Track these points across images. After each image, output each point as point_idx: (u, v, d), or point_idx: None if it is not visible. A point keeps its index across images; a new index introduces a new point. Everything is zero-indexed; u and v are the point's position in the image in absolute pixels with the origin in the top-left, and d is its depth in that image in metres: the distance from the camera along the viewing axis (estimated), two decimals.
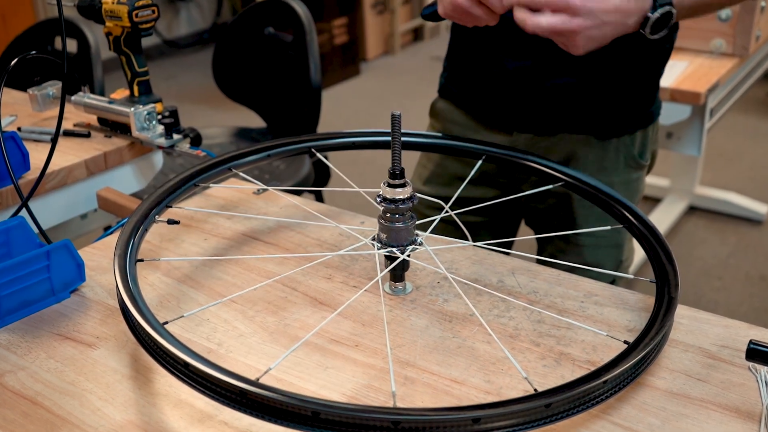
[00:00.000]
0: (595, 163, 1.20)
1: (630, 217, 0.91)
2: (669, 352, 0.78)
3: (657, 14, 0.93)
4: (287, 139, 1.06)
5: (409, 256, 0.87)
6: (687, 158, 2.86)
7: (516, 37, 1.15)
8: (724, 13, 2.09)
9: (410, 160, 1.13)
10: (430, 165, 1.31)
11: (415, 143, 1.10)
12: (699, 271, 2.56)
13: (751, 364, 0.75)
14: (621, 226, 0.92)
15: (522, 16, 0.91)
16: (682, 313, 0.84)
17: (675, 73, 2.04)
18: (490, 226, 1.31)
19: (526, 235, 1.10)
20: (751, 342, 0.71)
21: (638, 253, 2.35)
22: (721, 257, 2.64)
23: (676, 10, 0.94)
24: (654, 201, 2.96)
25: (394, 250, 0.86)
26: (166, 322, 0.74)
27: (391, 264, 0.87)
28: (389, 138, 1.06)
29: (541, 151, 1.20)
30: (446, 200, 1.24)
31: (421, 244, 0.88)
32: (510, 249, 0.98)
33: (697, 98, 1.99)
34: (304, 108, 2.13)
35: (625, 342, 0.75)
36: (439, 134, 1.10)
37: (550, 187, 1.01)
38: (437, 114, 1.31)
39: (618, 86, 1.17)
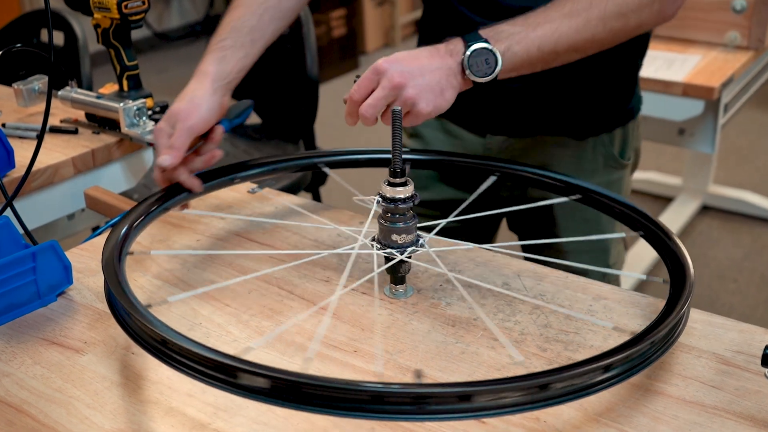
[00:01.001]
0: (573, 165, 1.17)
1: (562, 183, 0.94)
2: (682, 358, 0.76)
3: (469, 52, 0.89)
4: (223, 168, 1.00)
5: (409, 257, 0.84)
6: (700, 156, 2.80)
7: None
8: (739, 4, 2.04)
9: None
10: None
11: (337, 161, 1.06)
12: (713, 273, 2.51)
13: (767, 370, 0.73)
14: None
15: (361, 112, 0.88)
16: (695, 317, 0.82)
17: (687, 67, 2.00)
18: (465, 229, 1.27)
19: (510, 241, 1.06)
20: (767, 347, 0.69)
21: (643, 258, 2.34)
22: (735, 259, 2.59)
23: (501, 52, 0.90)
24: (666, 200, 2.89)
25: (393, 251, 0.84)
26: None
27: (389, 264, 0.85)
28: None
29: (516, 153, 1.17)
30: (428, 202, 1.20)
31: (422, 245, 0.85)
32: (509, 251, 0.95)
33: (711, 93, 1.95)
34: (301, 103, 2.10)
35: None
36: (354, 149, 1.06)
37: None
38: None
39: (591, 83, 1.13)
